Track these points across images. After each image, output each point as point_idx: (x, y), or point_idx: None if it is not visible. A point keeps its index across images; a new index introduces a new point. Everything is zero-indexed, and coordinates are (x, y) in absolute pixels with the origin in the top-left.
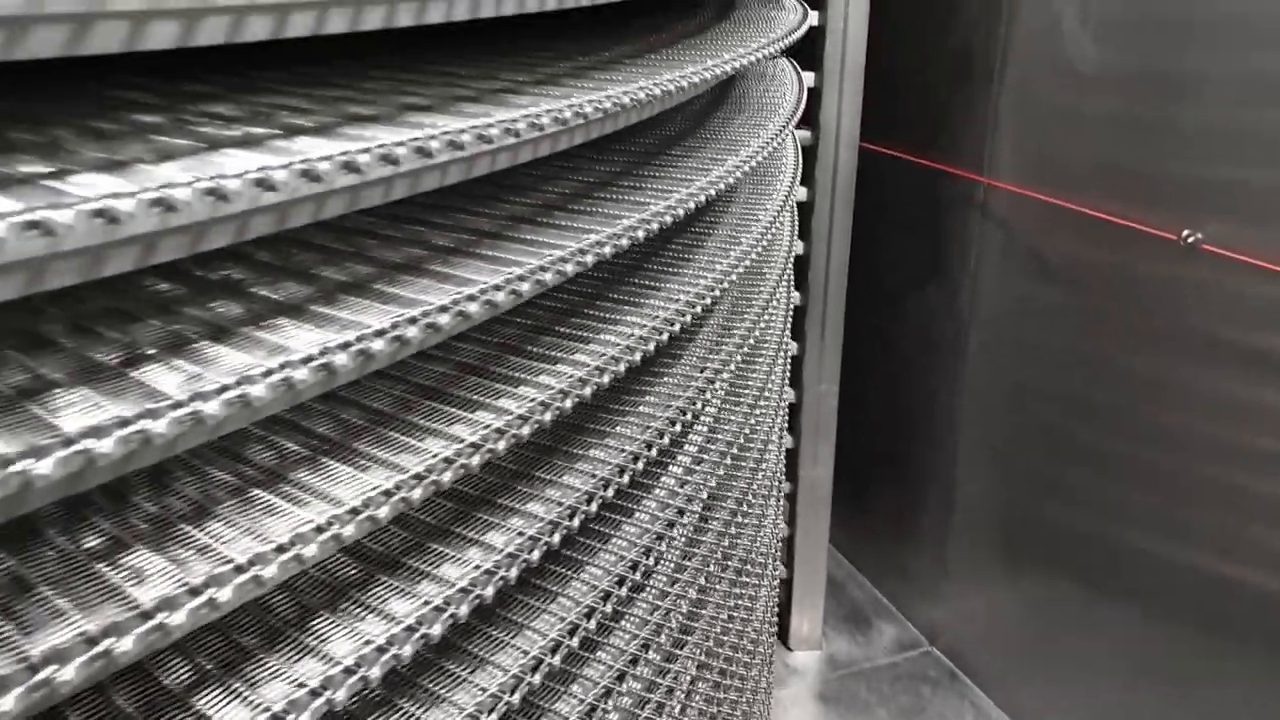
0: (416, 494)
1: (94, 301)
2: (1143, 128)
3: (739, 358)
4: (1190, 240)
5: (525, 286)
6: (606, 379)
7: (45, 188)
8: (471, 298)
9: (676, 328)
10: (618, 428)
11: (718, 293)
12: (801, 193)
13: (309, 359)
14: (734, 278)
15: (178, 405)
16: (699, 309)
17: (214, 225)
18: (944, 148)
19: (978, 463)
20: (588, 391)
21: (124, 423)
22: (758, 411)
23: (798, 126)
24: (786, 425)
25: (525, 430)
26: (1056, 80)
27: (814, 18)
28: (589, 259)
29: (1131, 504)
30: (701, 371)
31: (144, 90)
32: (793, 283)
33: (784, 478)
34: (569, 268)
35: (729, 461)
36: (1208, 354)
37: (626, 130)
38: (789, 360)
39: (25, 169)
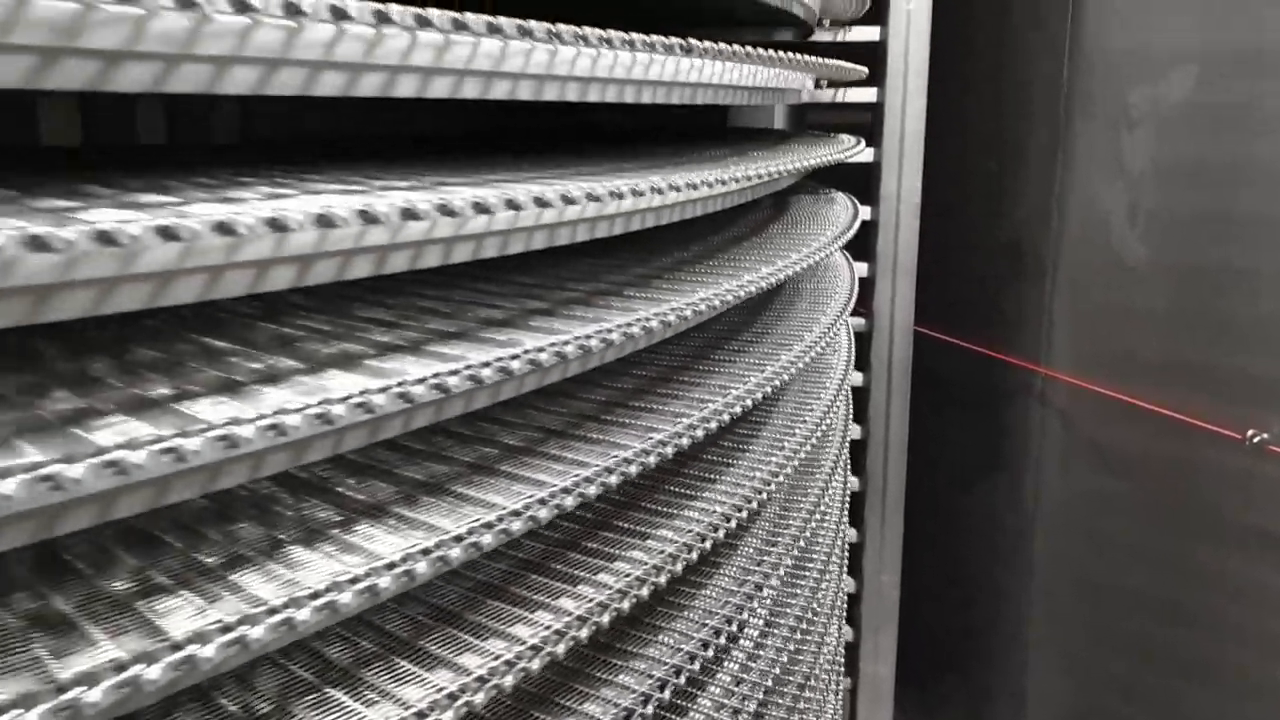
0: (479, 697)
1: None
2: (1196, 322)
3: (795, 550)
4: (1256, 440)
5: (591, 489)
6: (664, 579)
7: (173, 411)
8: (542, 501)
9: (733, 523)
10: (673, 623)
11: (774, 485)
12: (857, 378)
13: (392, 565)
14: (790, 469)
15: (273, 611)
16: (755, 504)
17: (315, 441)
18: (1000, 337)
19: (1048, 662)
20: (645, 592)
21: (226, 629)
22: (815, 602)
23: (853, 313)
24: (845, 616)
25: (584, 633)
26: (1108, 274)
27: (865, 213)
28: (651, 459)
29: (1205, 706)
30: (759, 564)
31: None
32: (850, 468)
33: (843, 673)
34: (633, 469)
35: (785, 657)
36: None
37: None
38: (847, 548)
39: (154, 392)
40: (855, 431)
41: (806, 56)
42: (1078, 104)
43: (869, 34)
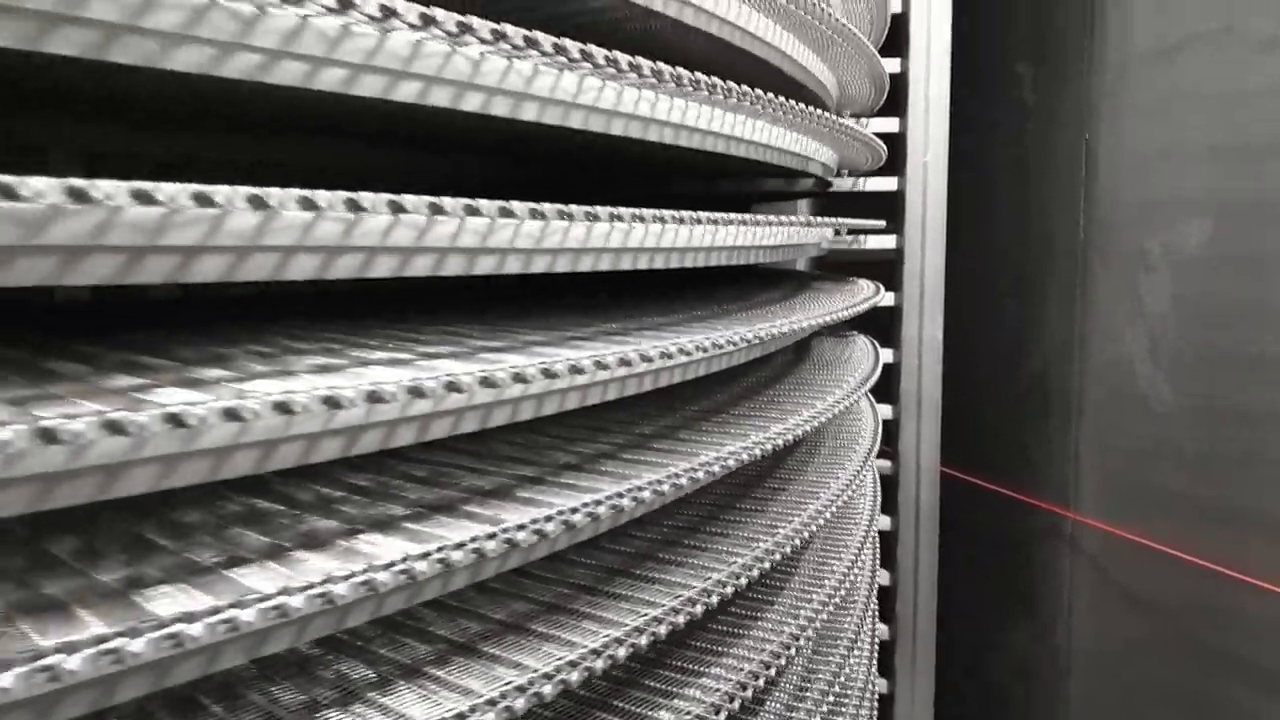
0: None
1: None
2: (1227, 465)
3: (825, 705)
4: None
5: (621, 651)
6: None
7: (224, 578)
8: (572, 664)
9: (761, 681)
10: None
11: (802, 640)
12: (884, 522)
13: None
14: (819, 623)
15: None
16: (783, 659)
17: (359, 605)
18: (1027, 479)
19: None
20: None
21: None
22: None
23: (878, 455)
24: None
25: None
26: (1134, 415)
27: (887, 356)
28: (681, 619)
29: None
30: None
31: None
32: (878, 616)
33: None
34: (662, 629)
35: None
36: None
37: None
38: (877, 700)
39: (204, 558)
40: (883, 577)
41: (826, 219)
42: (1095, 249)
43: (887, 184)
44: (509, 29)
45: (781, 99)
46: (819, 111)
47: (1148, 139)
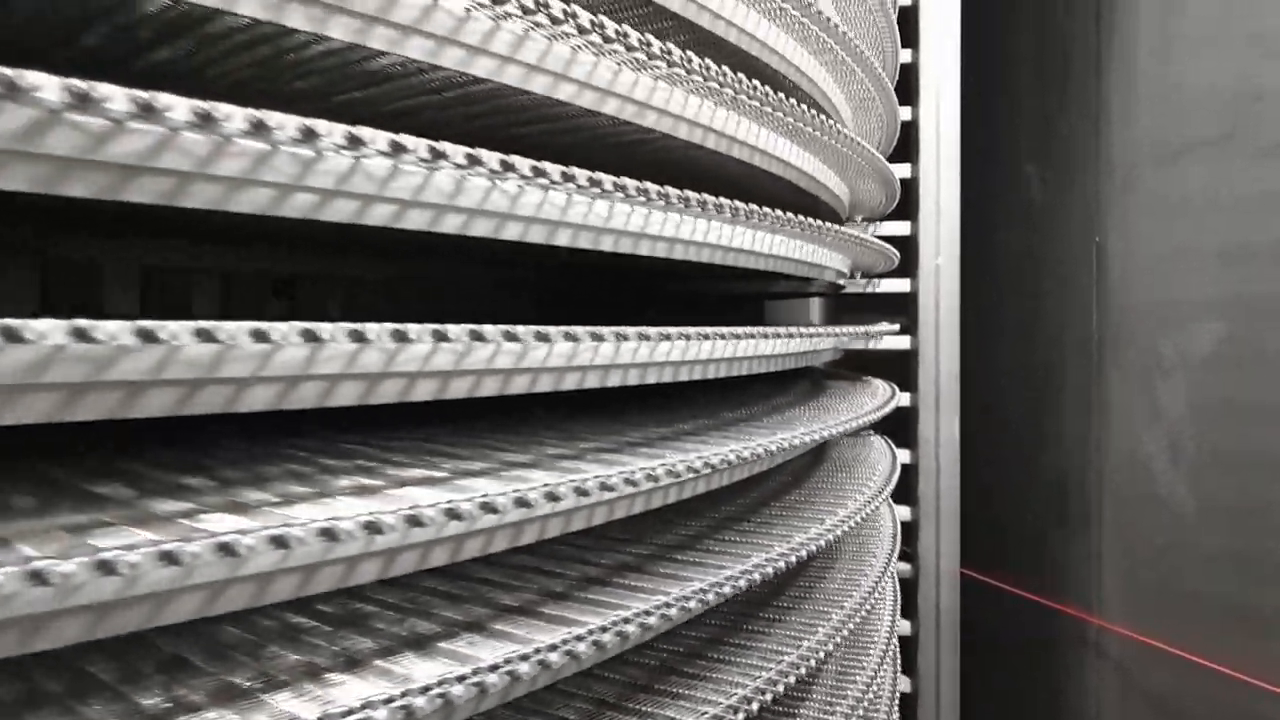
0: None
1: None
2: (1250, 566)
3: None
4: None
5: None
6: None
7: (261, 703)
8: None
9: None
10: None
11: None
12: (904, 626)
13: None
14: None
15: None
16: None
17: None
18: (1049, 582)
19: None
20: None
21: None
22: None
23: (896, 558)
24: None
25: None
26: (1154, 517)
27: (904, 456)
28: None
29: None
30: None
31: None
32: None
33: None
34: None
35: None
36: None
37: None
38: None
39: (242, 681)
40: (904, 684)
41: (842, 329)
42: (1109, 351)
43: (900, 285)
44: (548, 166)
45: (799, 217)
46: (834, 226)
47: (1157, 241)
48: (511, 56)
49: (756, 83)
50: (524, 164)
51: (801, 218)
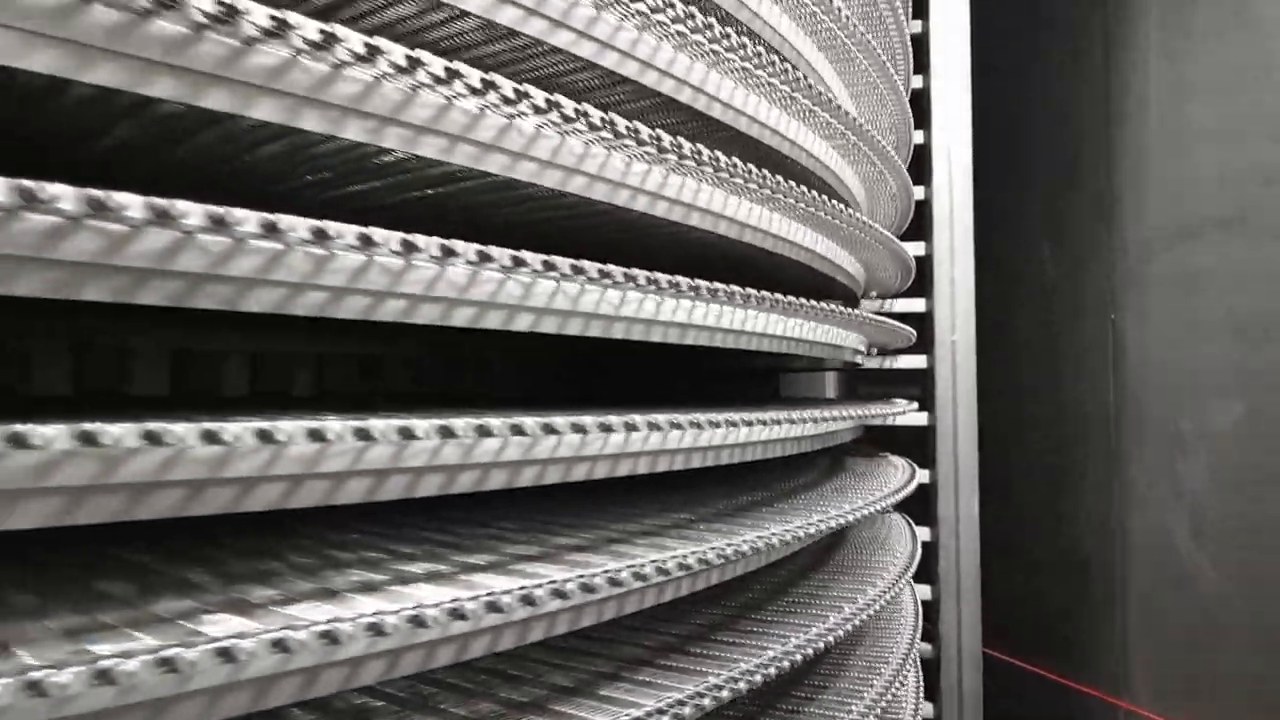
0: None
1: None
2: (1277, 644)
3: None
4: None
5: None
6: None
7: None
8: None
9: None
10: None
11: None
12: (927, 709)
13: None
14: None
15: None
16: None
17: None
18: (1074, 662)
19: None
20: None
21: None
22: None
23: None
24: None
25: None
26: (1180, 596)
27: (923, 533)
28: None
29: None
30: None
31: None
32: None
33: None
34: None
35: None
36: None
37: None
38: None
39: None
40: None
41: (862, 410)
42: (1128, 427)
43: (916, 361)
44: (557, 260)
45: (810, 302)
46: (847, 309)
47: (1172, 320)
48: (525, 153)
49: (766, 172)
50: (535, 258)
51: (813, 302)
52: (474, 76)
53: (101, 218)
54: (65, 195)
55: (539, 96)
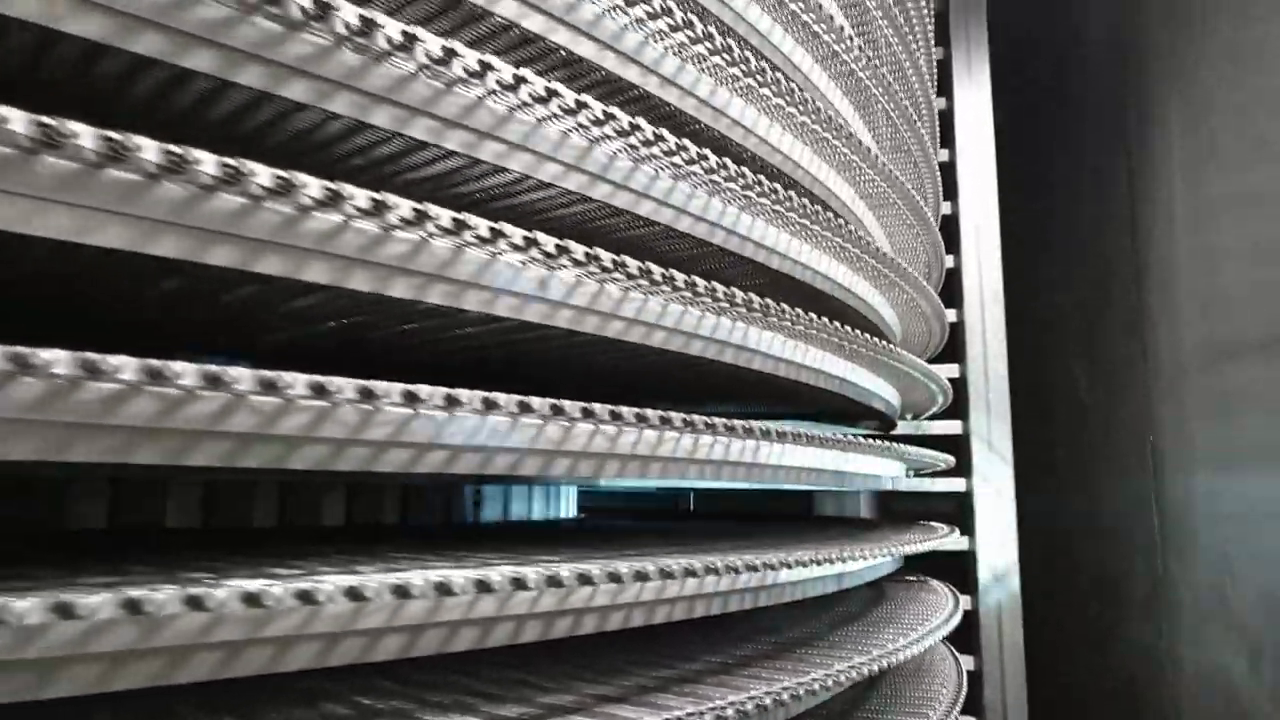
0: None
1: None
2: None
3: None
4: None
5: None
6: None
7: None
8: None
9: None
10: None
11: None
12: None
13: None
14: None
15: None
16: None
17: None
18: None
19: None
20: None
21: None
22: None
23: None
24: None
25: None
26: None
27: (967, 662)
28: None
29: None
30: None
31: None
32: None
33: None
34: None
35: None
36: None
37: None
38: None
39: None
40: None
41: (903, 542)
42: (1173, 553)
43: (955, 485)
44: (596, 407)
45: (857, 438)
46: (892, 444)
47: (1212, 442)
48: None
49: (829, 320)
50: (574, 407)
51: (852, 436)
52: (516, 235)
53: (158, 384)
54: (127, 366)
55: (578, 250)
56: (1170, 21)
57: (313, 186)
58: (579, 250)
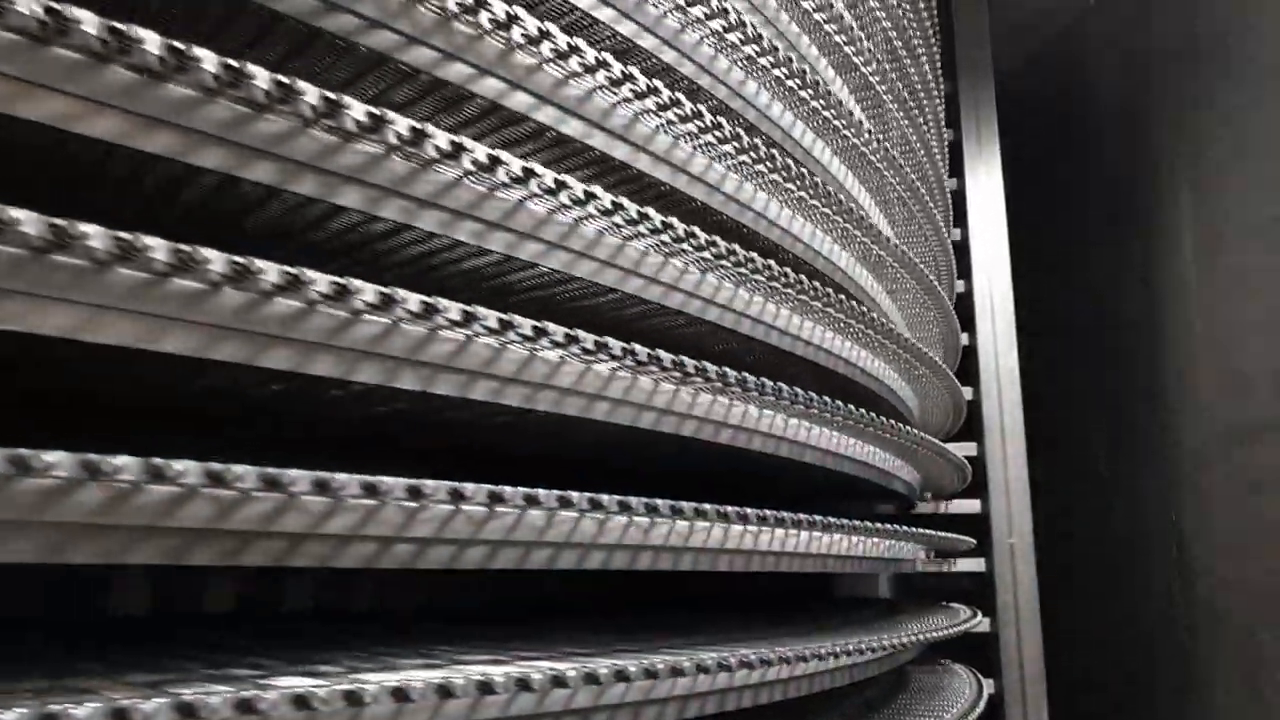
0: None
1: None
2: None
3: None
4: None
5: None
6: None
7: None
8: None
9: None
10: None
11: None
12: None
13: None
14: None
15: None
16: None
17: None
18: None
19: None
20: None
21: None
22: None
23: None
24: None
25: None
26: None
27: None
28: None
29: None
30: None
31: None
32: None
33: None
34: None
35: None
36: None
37: None
38: None
39: None
40: None
41: (926, 626)
42: (1199, 632)
43: (975, 565)
44: (632, 500)
45: (878, 525)
46: (910, 528)
47: (1238, 523)
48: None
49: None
50: (611, 500)
51: (876, 524)
52: (559, 333)
53: (217, 487)
54: (190, 470)
55: (642, 352)
56: (1179, 102)
57: (368, 292)
58: (642, 353)
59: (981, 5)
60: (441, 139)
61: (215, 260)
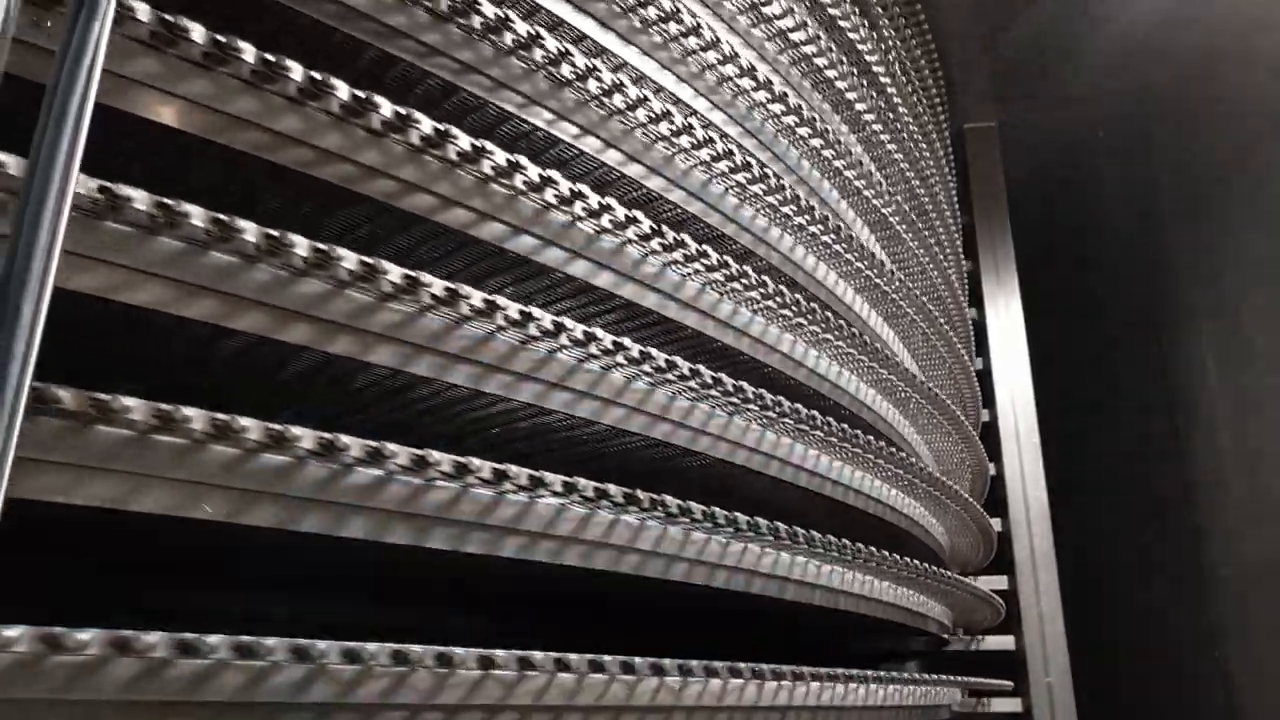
0: None
1: None
2: None
3: None
4: None
5: None
6: None
7: None
8: None
9: None
10: None
11: None
12: None
13: None
14: None
15: None
16: None
17: None
18: None
19: None
20: None
21: None
22: None
23: None
24: None
25: None
26: None
27: None
28: None
29: None
30: None
31: None
32: None
33: None
34: None
35: None
36: None
37: None
38: None
39: None
40: None
41: None
42: None
43: (1011, 706)
44: (666, 663)
45: (917, 674)
46: (950, 676)
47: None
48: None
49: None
50: (643, 663)
51: (915, 674)
52: (588, 488)
53: (246, 658)
54: (221, 645)
55: (673, 504)
56: (1193, 228)
57: (402, 455)
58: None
59: (993, 139)
60: (476, 298)
61: (253, 428)
